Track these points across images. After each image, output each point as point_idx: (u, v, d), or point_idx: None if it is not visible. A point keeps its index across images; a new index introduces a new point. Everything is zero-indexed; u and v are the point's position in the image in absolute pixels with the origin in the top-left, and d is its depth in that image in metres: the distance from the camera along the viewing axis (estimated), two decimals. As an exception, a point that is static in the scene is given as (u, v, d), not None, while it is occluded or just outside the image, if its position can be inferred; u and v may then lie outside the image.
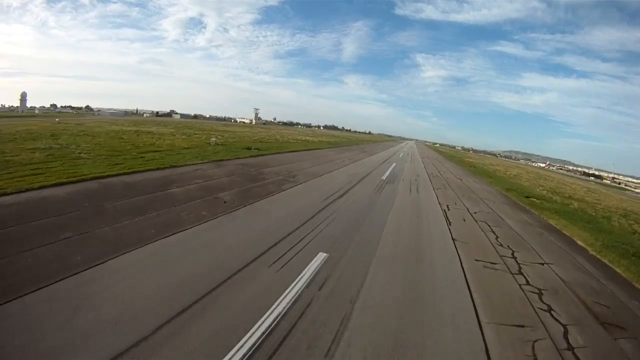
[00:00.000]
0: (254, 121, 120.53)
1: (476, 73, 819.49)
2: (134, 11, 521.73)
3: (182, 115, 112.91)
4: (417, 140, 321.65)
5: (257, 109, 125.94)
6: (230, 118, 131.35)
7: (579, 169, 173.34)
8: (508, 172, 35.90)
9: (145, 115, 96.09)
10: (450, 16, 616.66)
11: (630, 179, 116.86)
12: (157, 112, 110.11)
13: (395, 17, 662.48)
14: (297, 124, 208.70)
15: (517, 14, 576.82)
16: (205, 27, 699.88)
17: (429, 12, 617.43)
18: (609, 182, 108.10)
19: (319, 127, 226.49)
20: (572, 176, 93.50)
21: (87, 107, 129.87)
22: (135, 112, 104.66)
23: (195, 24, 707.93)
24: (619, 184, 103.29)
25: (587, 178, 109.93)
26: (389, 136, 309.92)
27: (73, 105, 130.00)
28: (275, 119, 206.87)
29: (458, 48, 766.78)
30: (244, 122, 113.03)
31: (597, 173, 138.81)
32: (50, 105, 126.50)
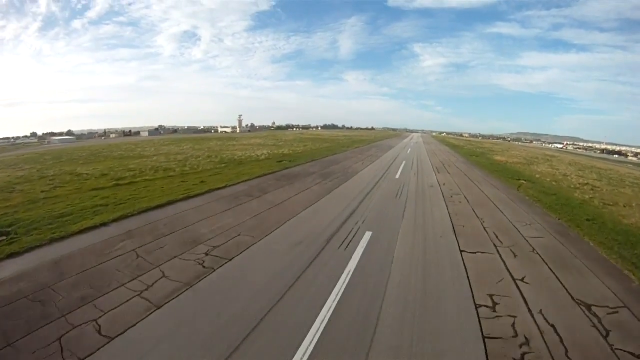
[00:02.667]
0: (237, 129, 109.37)
1: (475, 57, 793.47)
2: (126, 30, 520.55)
3: (163, 130, 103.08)
4: (422, 131, 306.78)
5: (240, 116, 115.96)
6: (212, 128, 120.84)
7: (591, 144, 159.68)
8: (564, 173, 22.74)
9: (112, 135, 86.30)
10: (443, 2, 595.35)
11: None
12: (130, 131, 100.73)
13: (389, 8, 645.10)
14: (296, 126, 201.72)
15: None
16: (199, 39, 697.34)
17: (422, 0, 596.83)
18: (636, 159, 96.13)
19: (317, 127, 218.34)
20: (597, 157, 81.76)
21: (69, 131, 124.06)
22: (104, 133, 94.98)
23: (190, 36, 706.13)
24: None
25: (611, 156, 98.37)
26: (393, 130, 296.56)
27: (55, 130, 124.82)
28: (274, 123, 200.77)
29: (454, 34, 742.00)
30: (225, 132, 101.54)
31: (615, 149, 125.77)
32: (31, 134, 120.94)
